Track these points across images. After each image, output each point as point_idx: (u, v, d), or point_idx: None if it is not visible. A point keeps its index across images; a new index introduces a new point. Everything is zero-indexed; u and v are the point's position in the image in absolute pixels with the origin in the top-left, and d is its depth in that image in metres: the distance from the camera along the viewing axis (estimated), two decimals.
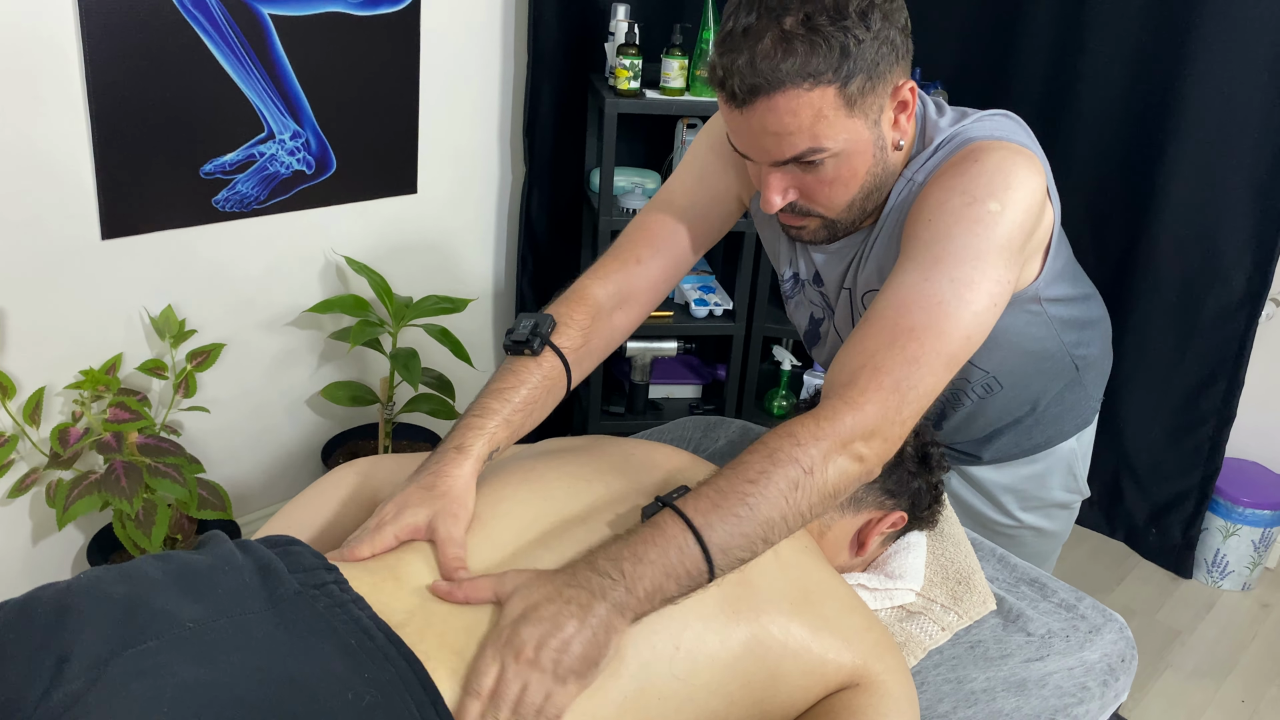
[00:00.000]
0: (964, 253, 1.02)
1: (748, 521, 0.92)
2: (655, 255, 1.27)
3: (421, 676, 0.83)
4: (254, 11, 2.04)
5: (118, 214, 1.98)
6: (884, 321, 1.01)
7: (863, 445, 0.97)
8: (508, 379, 1.14)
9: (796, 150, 1.04)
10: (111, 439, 1.90)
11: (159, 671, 0.77)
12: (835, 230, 1.17)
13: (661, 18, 2.61)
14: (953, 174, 1.07)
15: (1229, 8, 2.24)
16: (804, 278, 1.31)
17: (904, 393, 0.98)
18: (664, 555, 0.89)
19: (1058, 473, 1.45)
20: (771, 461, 0.94)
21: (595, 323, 1.22)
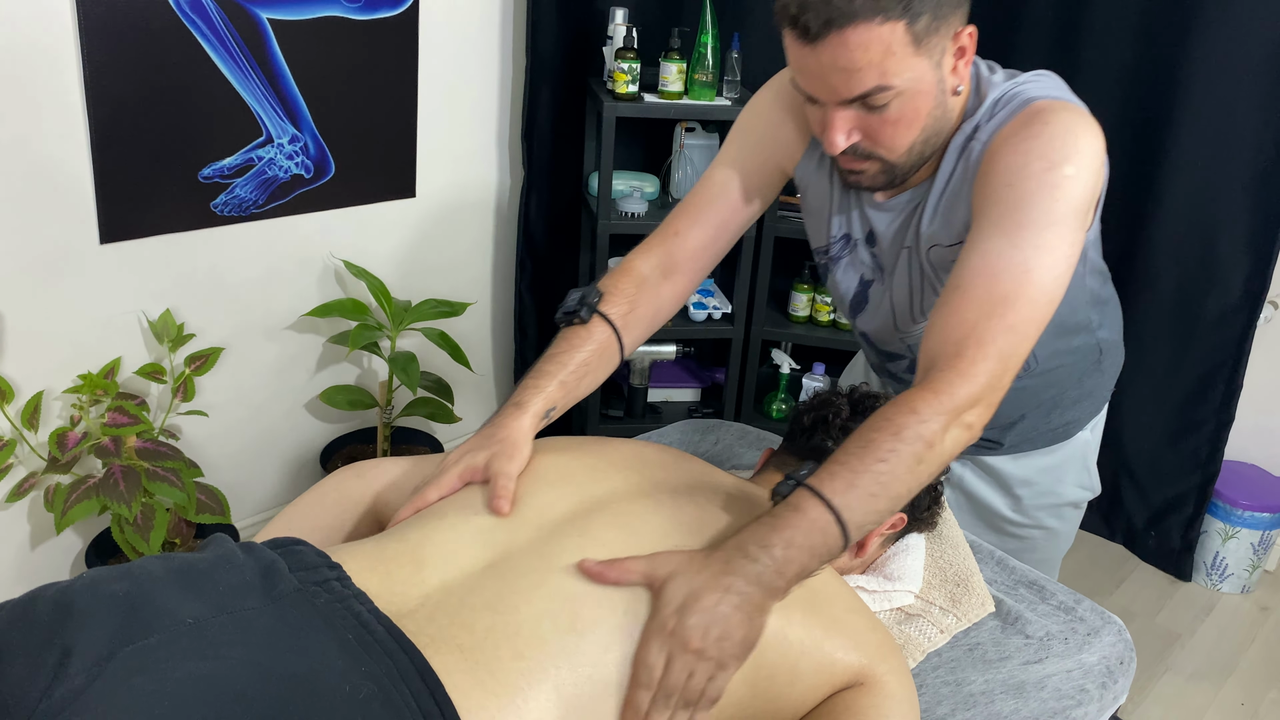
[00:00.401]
0: (1045, 218, 1.06)
1: (881, 499, 0.98)
2: (693, 226, 1.32)
3: (420, 666, 0.84)
4: (252, 15, 2.04)
5: (116, 218, 1.99)
6: (976, 290, 1.05)
7: (971, 414, 1.02)
8: (561, 345, 1.22)
9: (865, 87, 1.05)
10: (110, 443, 1.90)
11: (160, 667, 0.77)
12: (893, 175, 1.17)
13: (660, 21, 2.61)
14: (1025, 135, 1.09)
15: (1226, 11, 2.25)
16: (856, 237, 1.31)
17: (1006, 360, 1.04)
18: (809, 539, 0.95)
19: (1073, 466, 1.47)
20: (899, 439, 0.98)
21: (640, 292, 1.28)
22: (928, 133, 1.13)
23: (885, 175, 1.17)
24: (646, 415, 2.80)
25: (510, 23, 2.55)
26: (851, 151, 1.14)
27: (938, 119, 1.13)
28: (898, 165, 1.16)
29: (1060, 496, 1.48)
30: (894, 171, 1.17)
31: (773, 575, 0.92)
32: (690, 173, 2.71)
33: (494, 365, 2.88)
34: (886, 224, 1.27)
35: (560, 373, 1.19)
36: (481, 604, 0.91)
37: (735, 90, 2.55)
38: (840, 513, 0.95)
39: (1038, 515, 1.48)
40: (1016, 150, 1.09)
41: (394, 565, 0.94)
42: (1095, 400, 1.45)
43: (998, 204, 1.08)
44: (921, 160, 1.17)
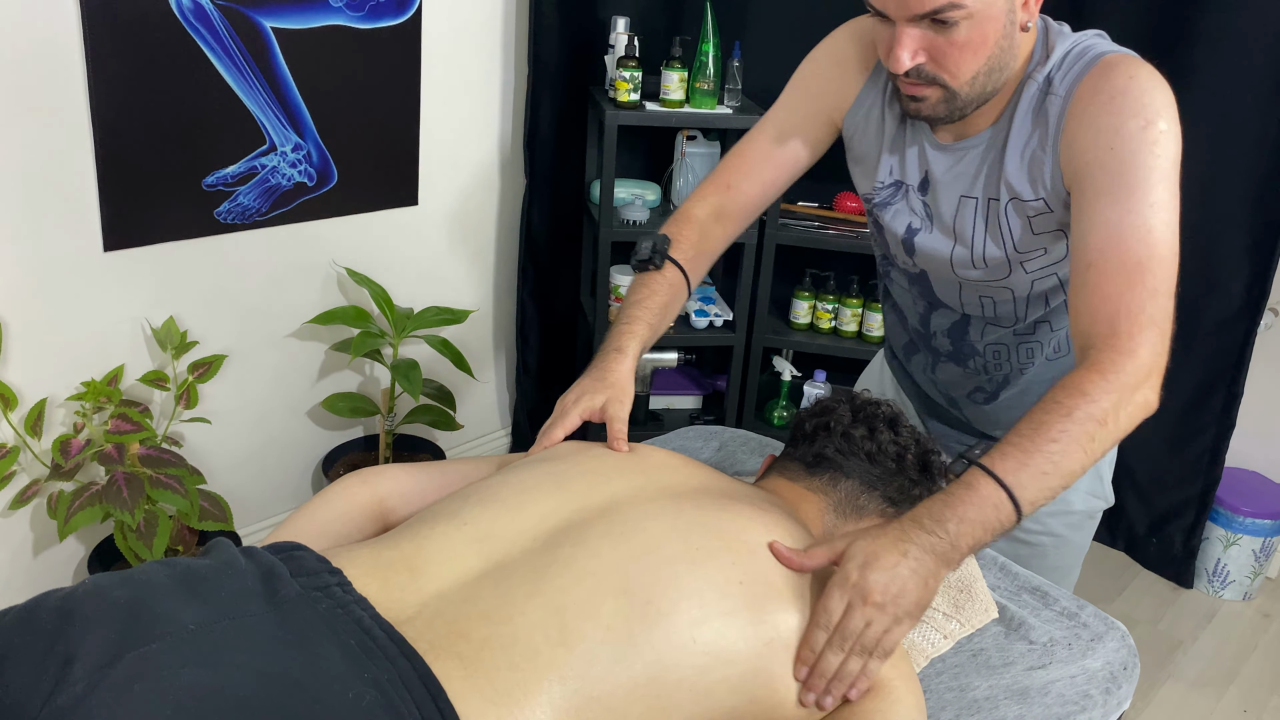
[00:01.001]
0: (1152, 176, 1.08)
1: (1053, 476, 1.01)
2: (744, 180, 1.40)
3: (422, 672, 0.84)
4: (256, 24, 2.05)
5: (120, 226, 1.99)
6: (1110, 263, 1.08)
7: (1148, 389, 1.06)
8: (642, 291, 1.33)
9: (937, 2, 1.06)
10: (113, 450, 1.91)
11: (162, 673, 0.77)
12: (954, 105, 1.16)
13: (661, 30, 2.62)
14: (1112, 92, 1.10)
15: (1225, 21, 2.26)
16: (909, 183, 1.30)
17: (1160, 324, 1.07)
18: (981, 514, 0.99)
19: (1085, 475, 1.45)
20: (1071, 420, 1.01)
21: (701, 237, 1.39)
22: (992, 64, 1.13)
23: (946, 105, 1.16)
24: (649, 422, 2.80)
25: (512, 31, 2.56)
26: (916, 74, 1.14)
27: (1004, 50, 1.12)
28: (959, 94, 1.15)
29: (1070, 504, 1.47)
30: (955, 101, 1.16)
31: (947, 547, 0.98)
32: (692, 180, 2.71)
33: (496, 372, 2.88)
34: (947, 168, 1.26)
35: (647, 316, 1.31)
36: (478, 614, 0.91)
37: (736, 99, 2.56)
38: (1013, 490, 0.99)
39: (1047, 522, 1.47)
40: (1107, 110, 1.10)
41: (390, 572, 0.94)
42: None
43: (1101, 169, 1.10)
44: (983, 95, 1.16)
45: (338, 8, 2.16)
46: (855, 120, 1.34)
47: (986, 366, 1.40)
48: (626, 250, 2.81)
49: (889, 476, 1.24)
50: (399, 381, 2.25)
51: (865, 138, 1.34)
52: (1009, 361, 1.38)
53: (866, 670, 0.98)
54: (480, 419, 2.89)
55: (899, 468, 1.25)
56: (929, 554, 0.98)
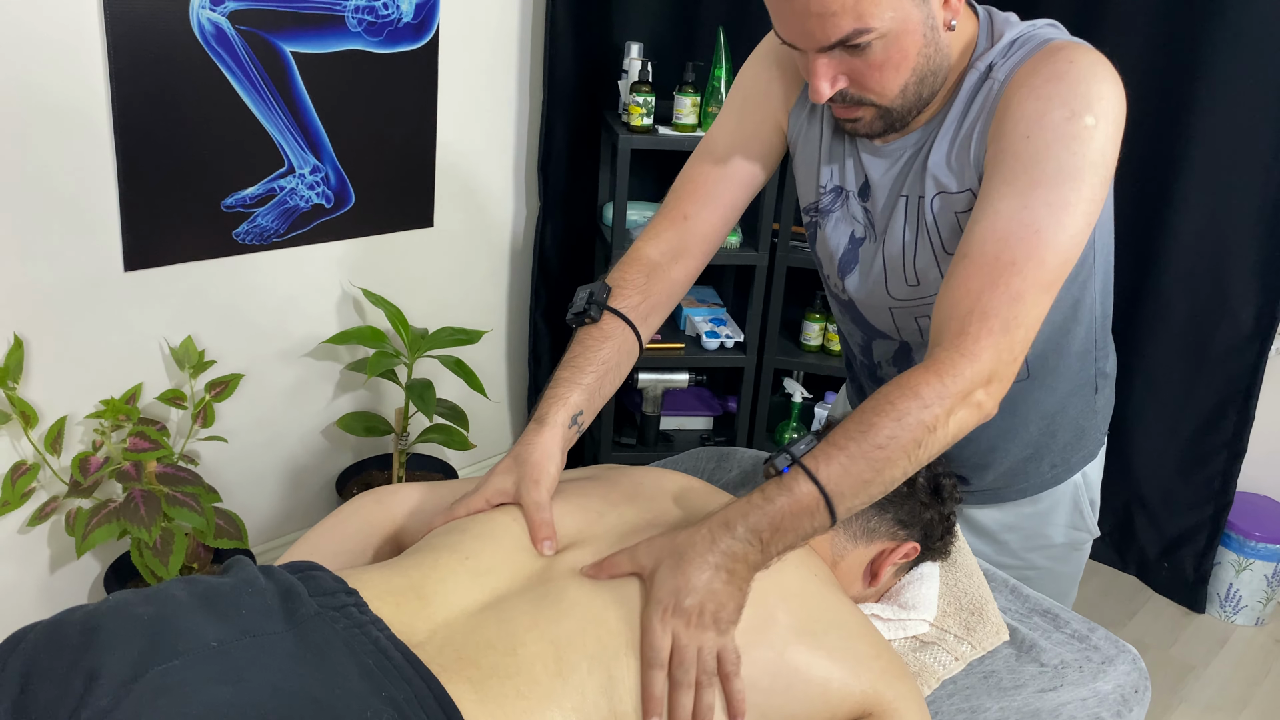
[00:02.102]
0: (1060, 173, 1.00)
1: (875, 485, 0.97)
2: (702, 208, 1.27)
3: (438, 693, 0.85)
4: (276, 49, 2.09)
5: (140, 246, 2.02)
6: (985, 258, 1.01)
7: (982, 393, 0.99)
8: (575, 349, 1.20)
9: (842, 31, 1.00)
10: (131, 468, 1.93)
11: (184, 688, 0.78)
12: (891, 119, 1.11)
13: (674, 56, 2.65)
14: (1046, 77, 1.03)
15: (1235, 43, 2.27)
16: (849, 189, 1.23)
17: (1013, 332, 0.99)
18: (797, 522, 0.96)
19: (1062, 510, 1.40)
20: (899, 425, 0.96)
21: (651, 280, 1.25)
22: (920, 72, 1.07)
23: (883, 120, 1.11)
24: (659, 443, 2.81)
25: (528, 57, 2.59)
26: (841, 99, 1.08)
27: (930, 57, 1.06)
28: (893, 109, 1.09)
29: (1049, 539, 1.41)
30: (891, 115, 1.10)
31: (757, 552, 0.96)
32: None
33: (509, 393, 2.90)
34: (883, 171, 1.18)
35: (579, 378, 1.17)
36: (484, 642, 0.92)
37: None
38: (831, 497, 0.95)
39: (1026, 557, 1.44)
40: (1036, 94, 1.02)
41: (402, 598, 0.96)
42: (1088, 445, 1.38)
43: (1013, 158, 1.02)
44: (920, 101, 1.10)
45: (356, 33, 2.19)
46: (798, 122, 1.26)
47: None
48: None
49: (900, 499, 1.25)
50: (413, 401, 2.26)
51: (808, 142, 1.26)
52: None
53: (731, 692, 0.95)
54: (493, 438, 2.91)
55: (910, 490, 1.26)
56: (740, 562, 0.95)
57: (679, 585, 0.94)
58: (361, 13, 2.18)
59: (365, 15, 2.19)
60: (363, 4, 2.18)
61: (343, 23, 2.16)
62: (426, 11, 2.30)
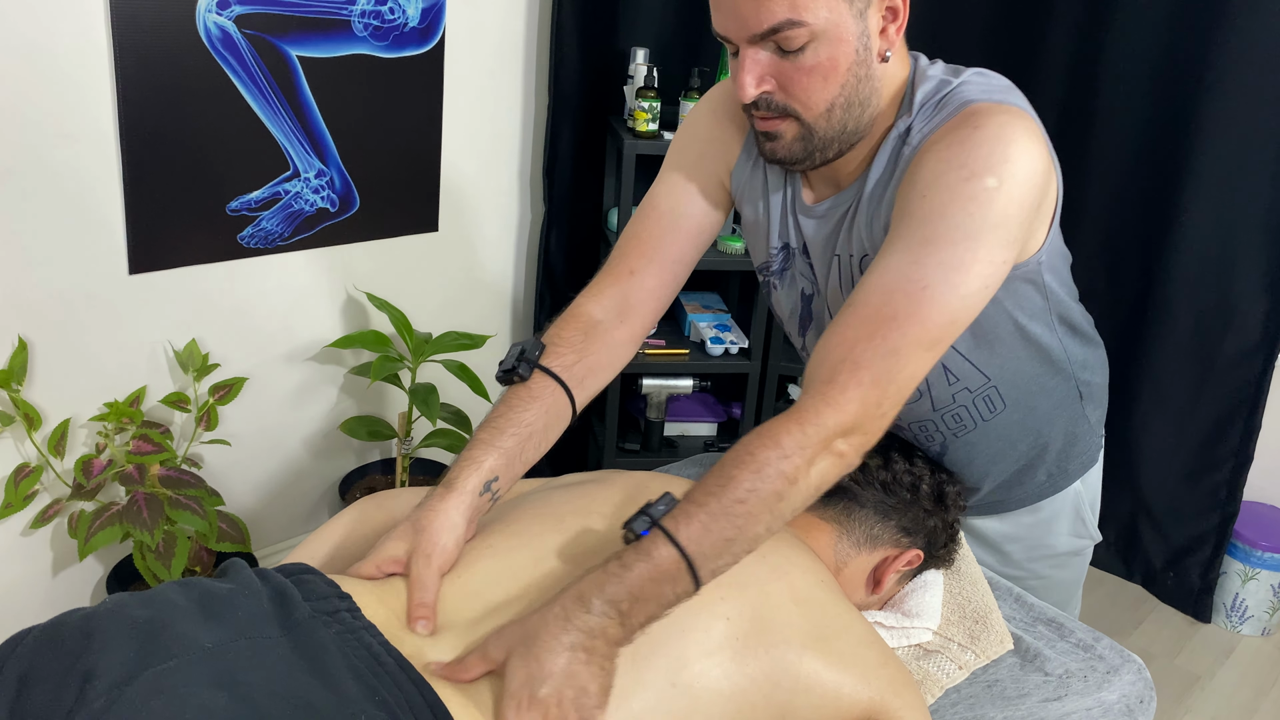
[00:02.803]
0: (955, 233, 0.98)
1: (738, 543, 0.93)
2: (649, 264, 1.23)
3: (430, 700, 0.85)
4: (282, 53, 2.09)
5: (145, 249, 2.02)
6: (867, 309, 0.99)
7: (843, 443, 0.96)
8: (499, 408, 1.12)
9: (775, 19, 0.98)
10: (134, 471, 1.93)
11: (178, 690, 0.79)
12: (811, 142, 1.07)
13: (680, 61, 2.66)
14: (950, 141, 1.01)
15: (1241, 50, 2.27)
16: (794, 247, 1.22)
17: (884, 386, 0.97)
18: (659, 590, 0.90)
19: (1064, 518, 1.38)
20: (759, 477, 0.93)
21: (590, 340, 1.19)
22: (849, 95, 1.04)
23: (803, 143, 1.07)
24: (663, 449, 2.80)
25: (533, 61, 2.59)
26: (765, 105, 1.05)
27: (861, 80, 1.04)
28: (815, 127, 1.06)
29: (1052, 549, 1.40)
30: (811, 139, 1.07)
31: (616, 627, 0.89)
32: None
33: None
34: (815, 230, 1.17)
35: (498, 440, 1.08)
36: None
37: None
38: (693, 560, 0.90)
39: (1031, 567, 1.43)
40: (939, 158, 1.01)
41: (398, 605, 0.97)
42: (1083, 453, 1.35)
43: (909, 217, 1.01)
44: (844, 134, 1.07)
45: (362, 37, 2.20)
46: (740, 180, 1.24)
47: (917, 439, 1.32)
48: None
49: (904, 507, 1.25)
50: (417, 405, 2.26)
51: (752, 201, 1.24)
52: (939, 431, 1.28)
53: None
54: None
55: (914, 498, 1.26)
56: (599, 639, 0.88)
57: (532, 674, 0.87)
58: (367, 17, 2.19)
59: (371, 20, 2.20)
60: (369, 8, 2.18)
61: (349, 27, 2.17)
62: (432, 16, 2.30)
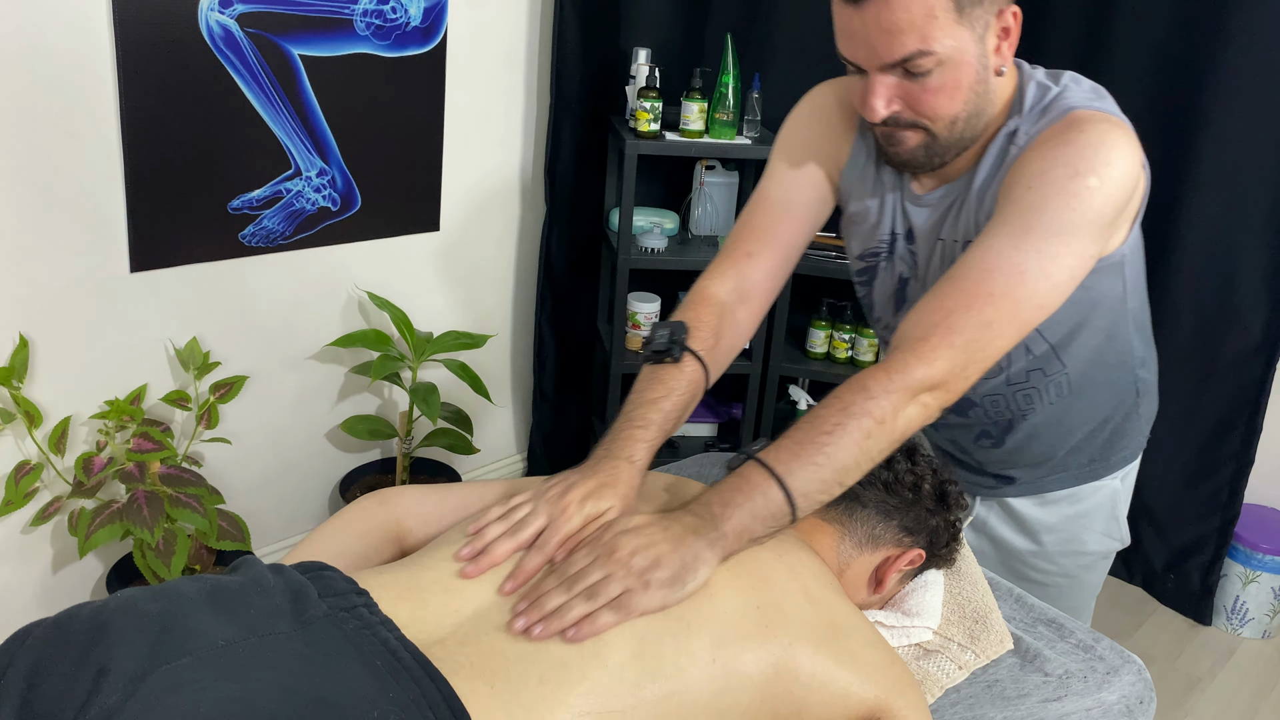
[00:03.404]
0: (1055, 225, 1.06)
1: (825, 468, 1.01)
2: (764, 247, 1.31)
3: (447, 694, 0.85)
4: (285, 52, 2.09)
5: (146, 247, 2.02)
6: (965, 283, 1.07)
7: (928, 396, 1.05)
8: (657, 388, 1.19)
9: (906, 50, 1.06)
10: (134, 469, 1.93)
11: (193, 686, 0.78)
12: (933, 149, 1.16)
13: (682, 62, 2.66)
14: (1057, 142, 1.09)
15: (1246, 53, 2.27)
16: (899, 233, 1.30)
17: (972, 353, 1.05)
18: (749, 500, 1.00)
19: (1100, 514, 1.44)
20: (846, 414, 1.02)
21: (722, 322, 1.27)
22: (970, 108, 1.13)
23: (925, 149, 1.16)
24: (663, 449, 2.80)
25: (535, 61, 2.59)
26: (893, 121, 1.14)
27: (980, 95, 1.12)
28: (939, 137, 1.15)
29: (1084, 544, 1.45)
30: (935, 145, 1.16)
31: (711, 528, 0.98)
32: (710, 209, 2.74)
33: (513, 397, 2.90)
34: (924, 219, 1.26)
35: (658, 418, 1.16)
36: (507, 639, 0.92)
37: (755, 129, 2.59)
38: (783, 478, 1.00)
39: (1061, 563, 1.46)
40: (1045, 156, 1.09)
41: (428, 594, 0.96)
42: (1128, 445, 1.42)
43: (1014, 204, 1.09)
44: (963, 141, 1.16)
45: (365, 36, 2.20)
46: (851, 178, 1.32)
47: (988, 413, 1.37)
48: (645, 278, 2.84)
49: (906, 506, 1.25)
50: (417, 405, 2.26)
51: (861, 193, 1.32)
52: (1009, 409, 1.35)
53: (593, 620, 0.92)
54: (496, 443, 2.90)
55: (916, 497, 1.25)
56: (690, 532, 0.97)
57: (624, 529, 0.98)
58: (370, 16, 2.19)
59: (373, 19, 2.20)
60: (371, 8, 2.18)
61: (351, 26, 2.17)
62: (435, 16, 2.30)
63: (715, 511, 0.99)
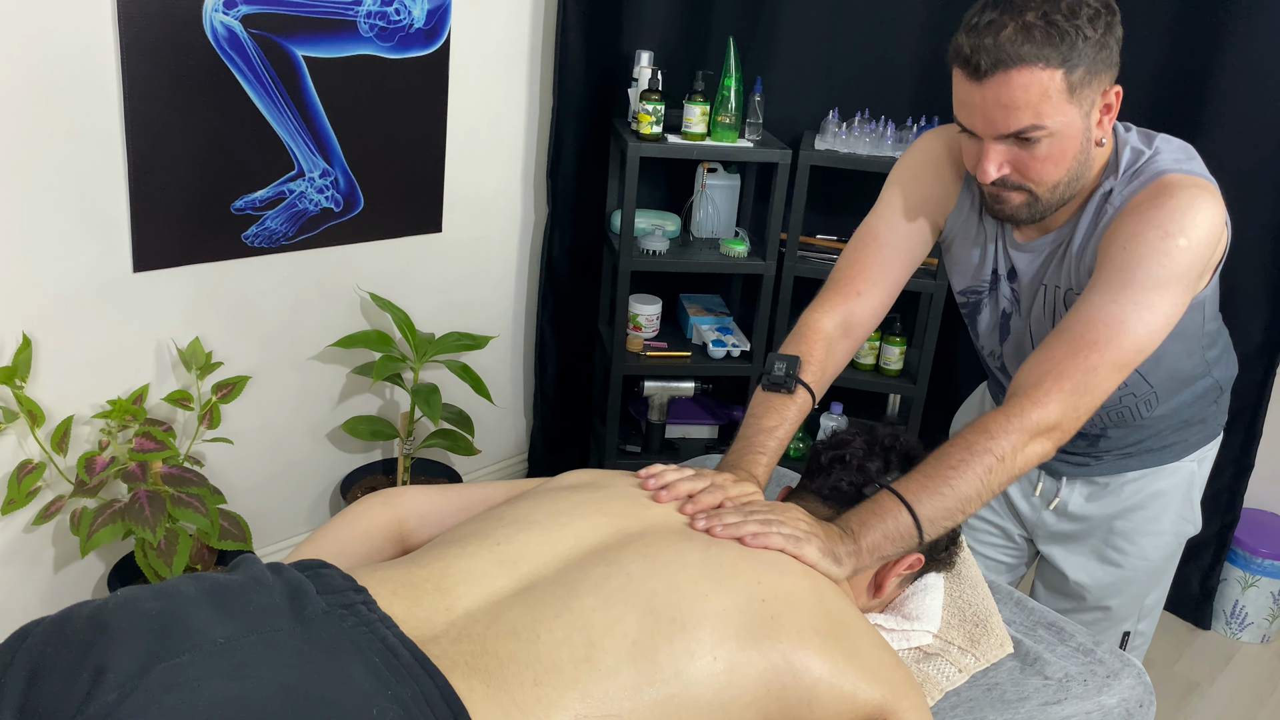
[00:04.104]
0: (1149, 280, 1.19)
1: (949, 498, 1.15)
2: (873, 288, 1.43)
3: (445, 691, 0.85)
4: (288, 53, 2.10)
5: (149, 247, 2.03)
6: (1071, 335, 1.20)
7: (1046, 437, 1.18)
8: (773, 417, 1.34)
9: (1021, 124, 1.18)
10: (136, 468, 1.93)
11: (191, 685, 0.79)
12: (1035, 209, 1.28)
13: (684, 64, 2.66)
14: (1149, 206, 1.21)
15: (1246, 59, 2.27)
16: (1001, 273, 1.43)
17: (1080, 395, 1.18)
18: (882, 522, 1.14)
19: (1176, 495, 1.53)
20: (969, 452, 1.16)
21: (829, 355, 1.41)
22: (1071, 174, 1.25)
23: (1028, 209, 1.28)
24: (664, 451, 2.81)
25: (538, 63, 2.60)
26: (1001, 183, 1.26)
27: (1081, 163, 1.25)
28: (1042, 199, 1.27)
29: (1160, 526, 1.53)
30: (1037, 205, 1.28)
31: (850, 540, 1.13)
32: (711, 212, 2.74)
33: (514, 399, 2.90)
34: (1027, 263, 1.38)
35: (776, 445, 1.32)
36: (506, 630, 0.92)
37: (757, 132, 2.59)
38: (912, 505, 1.14)
39: (1140, 542, 1.53)
40: (1139, 219, 1.21)
41: (420, 592, 0.96)
42: (1207, 427, 1.52)
43: (1111, 263, 1.21)
44: (1062, 201, 1.28)
45: (368, 38, 2.20)
46: (956, 223, 1.44)
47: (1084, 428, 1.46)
48: (646, 280, 2.84)
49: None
50: (419, 406, 2.26)
51: (965, 238, 1.44)
52: (1103, 420, 1.47)
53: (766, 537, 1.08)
54: (498, 444, 2.91)
55: None
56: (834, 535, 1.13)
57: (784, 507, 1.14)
58: (373, 18, 2.19)
59: (377, 20, 2.20)
60: (374, 9, 2.19)
61: (354, 28, 2.17)
62: (438, 18, 2.31)
63: (854, 528, 1.14)
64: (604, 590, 0.97)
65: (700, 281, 3.01)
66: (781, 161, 2.51)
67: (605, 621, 0.94)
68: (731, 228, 2.79)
